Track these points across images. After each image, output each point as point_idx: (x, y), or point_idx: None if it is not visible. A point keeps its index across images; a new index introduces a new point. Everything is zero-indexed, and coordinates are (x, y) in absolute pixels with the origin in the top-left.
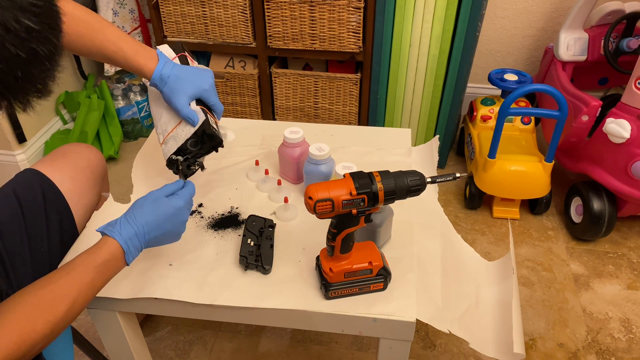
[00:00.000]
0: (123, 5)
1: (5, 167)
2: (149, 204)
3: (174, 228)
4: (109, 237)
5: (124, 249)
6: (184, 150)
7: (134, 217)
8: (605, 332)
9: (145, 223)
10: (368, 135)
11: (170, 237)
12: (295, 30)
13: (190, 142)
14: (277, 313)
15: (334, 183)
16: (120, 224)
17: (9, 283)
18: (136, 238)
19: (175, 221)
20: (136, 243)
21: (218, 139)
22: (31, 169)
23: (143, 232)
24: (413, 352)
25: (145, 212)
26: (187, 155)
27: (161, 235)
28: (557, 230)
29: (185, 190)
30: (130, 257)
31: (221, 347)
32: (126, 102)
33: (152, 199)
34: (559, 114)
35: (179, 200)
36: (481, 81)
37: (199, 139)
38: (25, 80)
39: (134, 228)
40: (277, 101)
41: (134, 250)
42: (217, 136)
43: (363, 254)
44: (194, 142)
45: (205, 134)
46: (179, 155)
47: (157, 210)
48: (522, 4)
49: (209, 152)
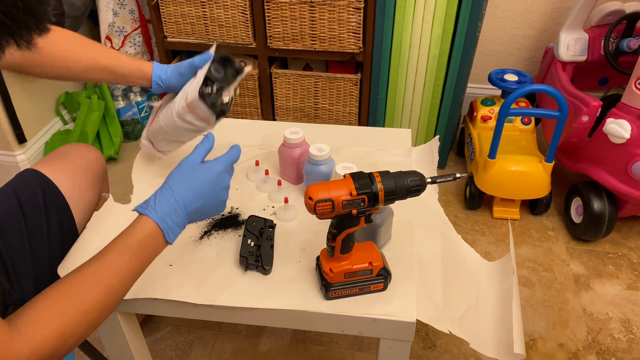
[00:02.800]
0: (123, 6)
1: (6, 167)
2: (185, 173)
3: (217, 196)
4: (143, 215)
5: (161, 227)
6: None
7: (170, 190)
8: (605, 333)
9: (184, 195)
10: (368, 136)
11: (215, 207)
12: (296, 30)
13: (213, 67)
14: (278, 313)
15: (334, 183)
16: (156, 199)
17: (10, 282)
18: (175, 213)
19: (217, 188)
20: (175, 218)
21: (238, 63)
22: (31, 169)
23: (183, 204)
24: (413, 352)
25: (183, 181)
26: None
27: (203, 205)
28: (557, 230)
29: (225, 155)
30: (172, 235)
31: (221, 347)
32: (126, 103)
33: (188, 166)
34: (559, 114)
35: (217, 165)
36: (481, 81)
37: (220, 65)
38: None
39: (172, 202)
40: (277, 101)
41: (174, 226)
42: (236, 61)
43: (363, 255)
44: (217, 67)
45: (222, 59)
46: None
47: (196, 178)
48: (522, 4)
49: (233, 80)
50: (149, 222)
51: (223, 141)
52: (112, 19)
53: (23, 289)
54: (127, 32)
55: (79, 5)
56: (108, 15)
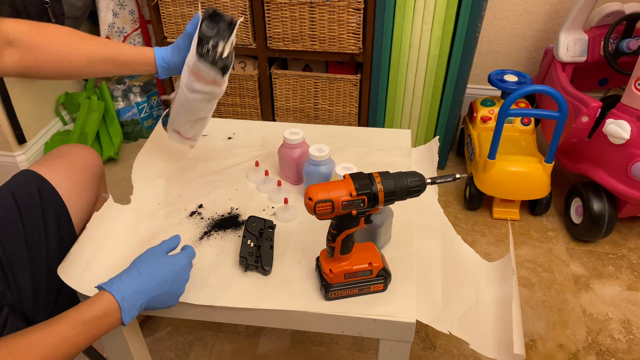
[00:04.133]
0: (123, 7)
1: (6, 168)
2: (153, 260)
3: (177, 287)
4: (106, 291)
5: (121, 306)
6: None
7: (138, 272)
8: (605, 333)
9: (149, 279)
10: (368, 136)
11: (171, 298)
12: (295, 31)
13: (204, 25)
14: (277, 314)
15: (334, 184)
16: (122, 277)
17: (8, 285)
18: (136, 295)
19: (178, 280)
20: (135, 301)
21: (228, 16)
22: (28, 170)
23: (147, 289)
24: (413, 353)
25: (150, 267)
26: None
27: (163, 294)
28: (557, 231)
29: (187, 250)
30: (127, 316)
31: (221, 348)
32: (126, 103)
33: (156, 255)
34: (559, 115)
35: (182, 258)
36: (481, 82)
37: (210, 22)
38: None
39: (136, 284)
40: (277, 102)
41: (132, 308)
42: (226, 14)
43: (363, 255)
44: (208, 25)
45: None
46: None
47: (162, 267)
48: (521, 5)
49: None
50: (109, 299)
51: (223, 141)
52: (112, 20)
53: (20, 290)
54: (127, 32)
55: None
56: (108, 16)
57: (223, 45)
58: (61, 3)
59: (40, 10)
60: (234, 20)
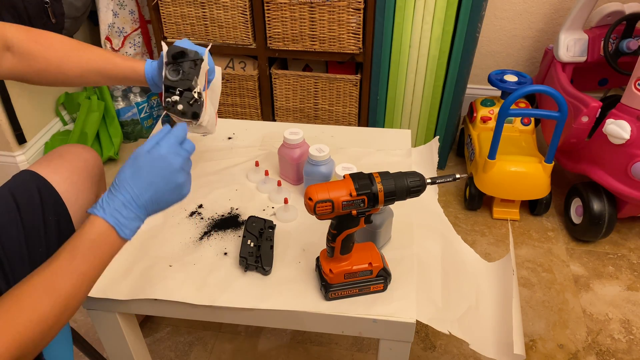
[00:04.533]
0: (123, 7)
1: (5, 168)
2: (131, 165)
3: (168, 181)
4: (92, 215)
5: (111, 223)
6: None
7: (116, 186)
8: (605, 333)
9: (131, 187)
10: (368, 136)
11: (170, 193)
12: (295, 31)
13: (168, 70)
14: (277, 314)
15: (334, 184)
16: (104, 197)
17: (8, 284)
18: (125, 207)
19: (165, 172)
20: (127, 213)
21: (192, 52)
22: (27, 170)
23: (131, 197)
24: (413, 353)
25: (128, 174)
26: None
27: (156, 193)
28: (557, 231)
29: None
30: (125, 230)
31: (221, 348)
32: (126, 103)
33: (133, 158)
34: (559, 115)
35: (159, 149)
36: (481, 82)
37: (173, 65)
38: None
39: (119, 197)
40: (277, 102)
41: (127, 221)
42: (191, 50)
43: (363, 255)
44: (172, 70)
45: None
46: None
47: (141, 169)
48: (521, 5)
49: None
50: (98, 221)
51: (223, 141)
52: (112, 20)
53: None
54: (127, 32)
55: (79, 6)
56: (108, 16)
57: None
58: (61, 3)
59: (40, 10)
60: (198, 55)
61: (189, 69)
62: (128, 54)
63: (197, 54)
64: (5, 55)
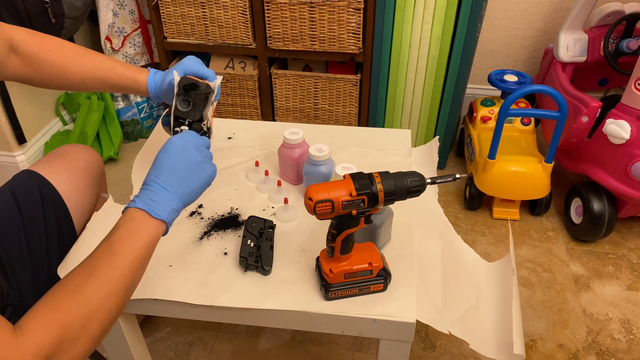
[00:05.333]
0: (123, 7)
1: (5, 168)
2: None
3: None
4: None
5: (140, 207)
6: (180, 117)
7: (143, 183)
8: (605, 333)
9: (150, 174)
10: (368, 136)
11: (192, 170)
12: (295, 31)
13: (179, 100)
14: (277, 314)
15: (334, 184)
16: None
17: (9, 283)
18: (154, 195)
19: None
20: (158, 199)
21: (203, 85)
22: (28, 170)
23: (158, 185)
24: (413, 353)
25: (149, 170)
26: (188, 119)
27: (175, 170)
28: (557, 231)
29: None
30: (157, 210)
31: (221, 348)
32: (126, 103)
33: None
34: (559, 115)
35: (170, 139)
36: (481, 82)
37: (184, 96)
38: None
39: (147, 189)
40: (277, 102)
41: (159, 205)
42: (202, 83)
43: (363, 255)
44: (182, 101)
45: (189, 87)
46: (181, 126)
47: (157, 160)
48: (521, 5)
49: (205, 104)
50: (129, 210)
51: (223, 141)
52: (112, 20)
53: (21, 290)
54: (127, 32)
55: (79, 5)
56: (108, 16)
57: (199, 124)
58: (61, 3)
59: (41, 10)
60: (209, 88)
61: (200, 102)
62: (128, 54)
63: (209, 87)
64: (11, 57)
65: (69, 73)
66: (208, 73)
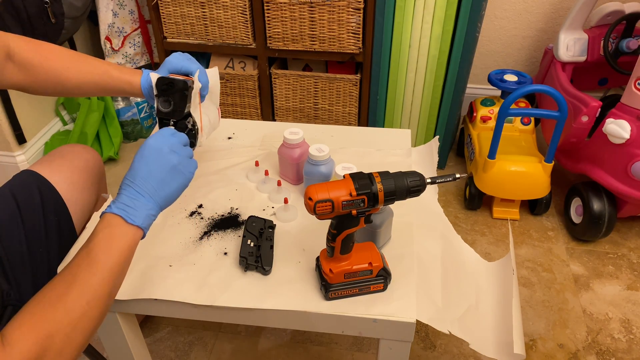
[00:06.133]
0: (123, 7)
1: (5, 168)
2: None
3: (159, 161)
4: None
5: (116, 212)
6: (163, 119)
7: (119, 188)
8: (605, 333)
9: (126, 177)
10: (368, 136)
11: (168, 174)
12: (295, 31)
13: (160, 102)
14: (277, 314)
15: (334, 184)
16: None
17: (9, 283)
18: (130, 200)
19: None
20: (128, 199)
21: (180, 82)
22: (28, 170)
23: (129, 182)
24: (413, 352)
25: (126, 174)
26: (170, 119)
27: (151, 174)
28: (557, 230)
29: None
30: (133, 216)
31: (221, 347)
32: (126, 103)
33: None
34: (559, 114)
35: (145, 142)
36: (481, 82)
37: (164, 96)
38: None
39: (123, 194)
40: (277, 102)
41: (135, 210)
42: (178, 80)
43: (363, 255)
44: (163, 102)
45: (166, 87)
46: (167, 126)
47: (133, 165)
48: (521, 4)
49: (185, 101)
50: (105, 215)
51: (223, 141)
52: (112, 20)
53: (21, 290)
54: (126, 32)
55: (79, 5)
56: (108, 16)
57: (183, 122)
58: (61, 3)
59: (40, 10)
60: (185, 86)
61: (180, 100)
62: (128, 54)
63: (185, 84)
64: (7, 65)
65: (64, 78)
66: (192, 68)
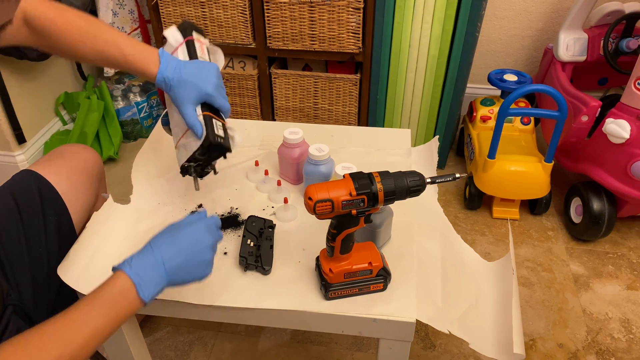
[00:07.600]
0: (122, 6)
1: (5, 167)
2: (167, 232)
3: (198, 254)
4: (119, 270)
5: (134, 281)
6: (193, 158)
7: (150, 247)
8: (605, 333)
9: (163, 251)
10: (368, 136)
11: (196, 266)
12: (295, 30)
13: (198, 152)
14: (277, 314)
15: (334, 184)
16: (134, 256)
17: (9, 283)
18: (151, 268)
19: (198, 245)
20: (151, 274)
21: (224, 147)
22: (28, 170)
23: (162, 261)
24: (413, 352)
25: (162, 239)
26: (198, 162)
27: (184, 262)
28: (556, 230)
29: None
30: (146, 290)
31: (221, 347)
32: (126, 103)
33: (171, 227)
34: (559, 114)
35: (199, 223)
36: (481, 81)
37: (205, 149)
38: None
39: (149, 258)
40: (277, 102)
41: (149, 282)
42: (223, 145)
43: (363, 255)
44: (202, 152)
45: (211, 145)
46: (190, 162)
47: (175, 236)
48: (521, 4)
49: (218, 157)
50: (122, 277)
51: None
52: (112, 19)
53: (21, 290)
54: (126, 32)
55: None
56: (107, 16)
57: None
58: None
59: None
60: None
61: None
62: None
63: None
64: (22, 30)
65: (78, 52)
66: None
